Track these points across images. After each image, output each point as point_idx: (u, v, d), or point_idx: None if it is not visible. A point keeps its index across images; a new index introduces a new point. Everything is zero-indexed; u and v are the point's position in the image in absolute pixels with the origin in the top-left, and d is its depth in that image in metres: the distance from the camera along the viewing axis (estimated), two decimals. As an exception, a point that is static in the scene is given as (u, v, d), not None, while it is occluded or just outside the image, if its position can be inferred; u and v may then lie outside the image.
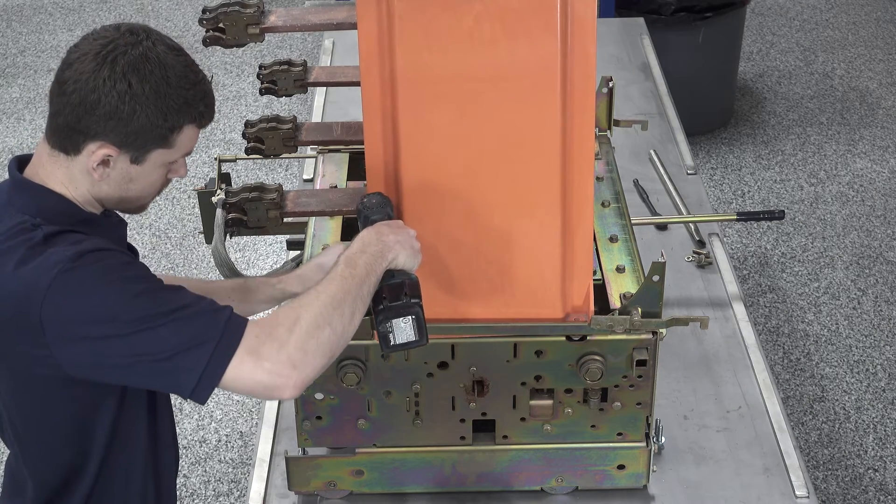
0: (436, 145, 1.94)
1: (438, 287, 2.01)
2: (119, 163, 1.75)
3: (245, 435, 3.76)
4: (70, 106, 1.71)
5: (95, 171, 1.74)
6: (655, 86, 3.57)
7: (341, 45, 3.77)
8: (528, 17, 1.88)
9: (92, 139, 1.72)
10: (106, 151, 1.73)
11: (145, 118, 1.72)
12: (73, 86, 1.70)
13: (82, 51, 1.72)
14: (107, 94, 1.69)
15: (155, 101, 1.72)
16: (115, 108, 1.70)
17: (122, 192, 1.80)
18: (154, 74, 1.72)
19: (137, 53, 1.71)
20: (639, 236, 2.37)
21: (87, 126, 1.71)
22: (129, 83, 1.70)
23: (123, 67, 1.70)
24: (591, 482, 2.20)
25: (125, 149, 1.74)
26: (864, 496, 3.50)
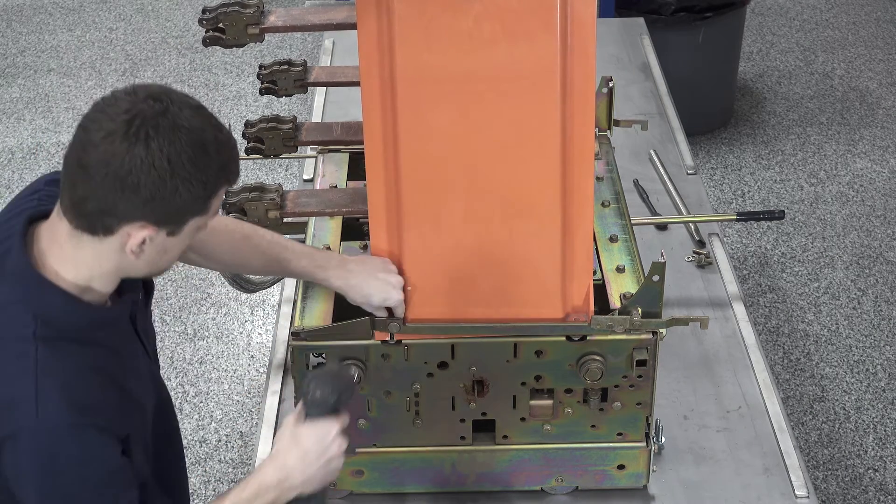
0: (436, 145, 1.94)
1: (438, 287, 2.01)
2: (157, 239, 1.66)
3: (245, 435, 3.76)
4: (102, 190, 1.59)
5: (133, 252, 1.66)
6: (655, 86, 3.57)
7: (341, 45, 3.77)
8: (528, 17, 1.88)
9: (129, 221, 1.62)
10: (146, 233, 1.64)
11: (187, 193, 1.62)
12: (105, 169, 1.58)
13: (106, 128, 1.59)
14: (146, 174, 1.58)
15: (194, 174, 1.61)
16: (157, 190, 1.59)
17: (153, 265, 1.72)
18: (190, 145, 1.61)
19: (168, 124, 1.60)
20: (639, 236, 2.37)
21: (125, 210, 1.61)
22: (169, 160, 1.59)
23: (159, 144, 1.58)
24: (591, 482, 2.20)
25: (164, 226, 1.65)
26: (864, 496, 3.50)
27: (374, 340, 2.04)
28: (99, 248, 1.66)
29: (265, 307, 4.32)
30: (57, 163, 5.19)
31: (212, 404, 3.89)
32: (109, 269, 1.70)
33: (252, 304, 4.33)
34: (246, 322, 4.26)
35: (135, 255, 1.66)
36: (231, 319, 4.27)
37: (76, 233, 1.65)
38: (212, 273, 4.42)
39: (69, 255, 1.68)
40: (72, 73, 5.95)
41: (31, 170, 5.14)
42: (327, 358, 2.01)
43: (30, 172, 5.12)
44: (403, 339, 2.03)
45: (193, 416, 3.84)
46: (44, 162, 5.20)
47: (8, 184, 5.06)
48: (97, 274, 1.69)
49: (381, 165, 1.95)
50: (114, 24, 6.46)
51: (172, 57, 6.07)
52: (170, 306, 4.33)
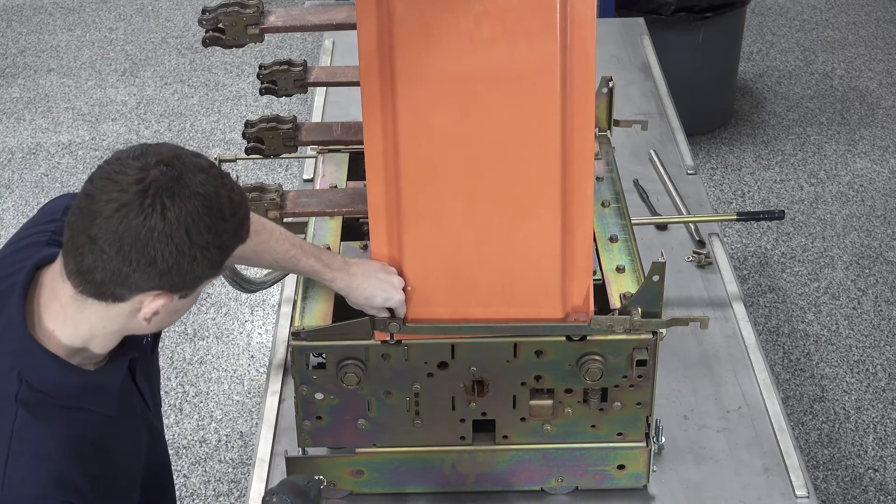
0: (436, 145, 1.94)
1: (438, 287, 2.01)
2: (170, 305, 1.62)
3: (245, 435, 3.76)
4: (115, 263, 1.53)
5: (147, 320, 1.61)
6: (655, 86, 3.57)
7: (341, 45, 3.77)
8: (528, 17, 1.88)
9: (143, 291, 1.57)
10: (162, 302, 1.59)
11: (205, 261, 1.58)
12: (119, 242, 1.52)
13: (118, 200, 1.52)
14: (164, 246, 1.53)
15: (212, 241, 1.57)
16: (175, 261, 1.54)
17: (161, 325, 1.67)
18: (207, 213, 1.55)
19: (183, 194, 1.53)
20: (639, 236, 2.37)
21: (139, 281, 1.55)
22: (187, 231, 1.53)
23: (176, 214, 1.52)
24: (591, 482, 2.20)
25: (179, 291, 1.60)
26: (864, 496, 3.50)
27: (374, 340, 2.04)
28: (105, 312, 1.60)
29: (265, 307, 4.32)
30: (57, 163, 5.19)
31: (212, 404, 3.89)
32: (113, 331, 1.64)
33: (252, 304, 4.33)
34: (246, 322, 4.26)
35: (147, 321, 1.62)
36: (231, 319, 4.27)
37: (80, 297, 1.59)
38: (212, 273, 4.42)
39: (70, 315, 1.61)
40: (72, 73, 5.95)
41: (31, 170, 5.15)
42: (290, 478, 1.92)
43: (30, 172, 5.13)
44: (403, 339, 2.03)
45: (193, 416, 3.84)
46: (44, 162, 5.20)
47: (8, 184, 5.07)
48: (99, 334, 1.64)
49: (381, 165, 1.95)
50: (114, 24, 6.46)
51: (172, 57, 6.07)
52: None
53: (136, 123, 5.47)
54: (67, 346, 1.63)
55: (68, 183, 5.03)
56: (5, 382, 1.60)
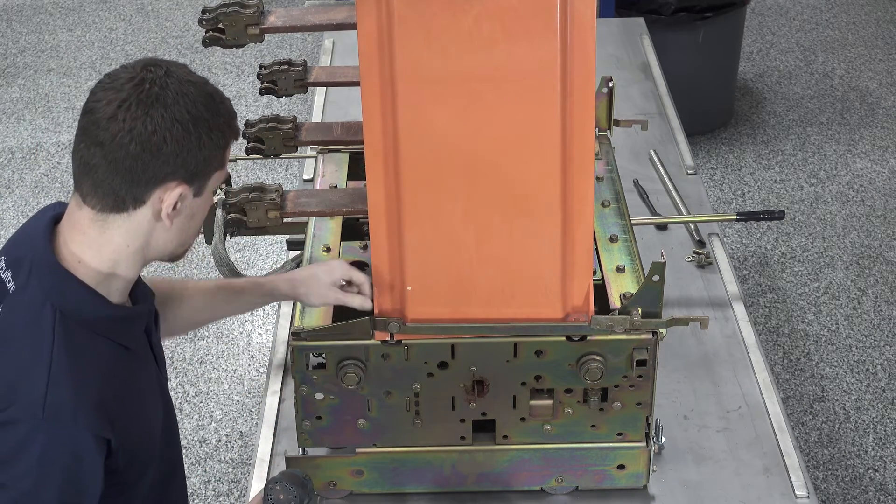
0: (436, 145, 1.94)
1: (438, 287, 2.01)
2: (186, 201, 1.69)
3: (245, 435, 3.76)
4: (128, 160, 1.60)
5: (168, 217, 1.67)
6: (655, 86, 3.57)
7: (341, 45, 3.77)
8: (528, 18, 1.88)
9: (160, 184, 1.64)
10: (180, 190, 1.66)
11: (210, 142, 1.67)
12: (128, 136, 1.60)
13: (117, 99, 1.61)
14: (170, 130, 1.61)
15: (212, 122, 1.67)
16: (183, 143, 1.63)
17: (182, 233, 1.73)
18: (201, 97, 1.66)
19: (176, 82, 1.64)
20: (639, 236, 2.37)
21: (154, 172, 1.63)
22: (188, 112, 1.63)
23: (174, 99, 1.62)
24: (591, 482, 2.20)
25: (193, 182, 1.67)
26: (864, 496, 3.50)
27: (374, 340, 2.04)
28: (127, 224, 1.67)
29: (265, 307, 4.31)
30: (57, 162, 5.19)
31: (212, 404, 3.89)
32: (137, 248, 1.69)
33: (252, 304, 4.32)
34: (246, 322, 4.26)
35: (169, 219, 1.67)
36: (231, 319, 4.27)
37: (100, 216, 1.65)
38: (212, 273, 4.42)
39: (93, 239, 1.67)
40: (72, 73, 5.95)
41: (31, 170, 5.15)
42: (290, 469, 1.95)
43: (30, 172, 5.13)
44: (403, 339, 2.03)
45: (193, 416, 3.84)
46: (44, 162, 5.20)
47: (8, 184, 5.07)
48: (123, 256, 1.69)
49: (381, 165, 1.95)
50: (114, 24, 6.46)
51: (172, 57, 6.03)
52: (170, 306, 4.32)
53: (136, 123, 5.47)
54: (96, 272, 1.68)
55: (68, 183, 5.03)
56: (40, 315, 1.64)
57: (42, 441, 1.61)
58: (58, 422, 1.61)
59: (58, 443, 1.61)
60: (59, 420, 1.61)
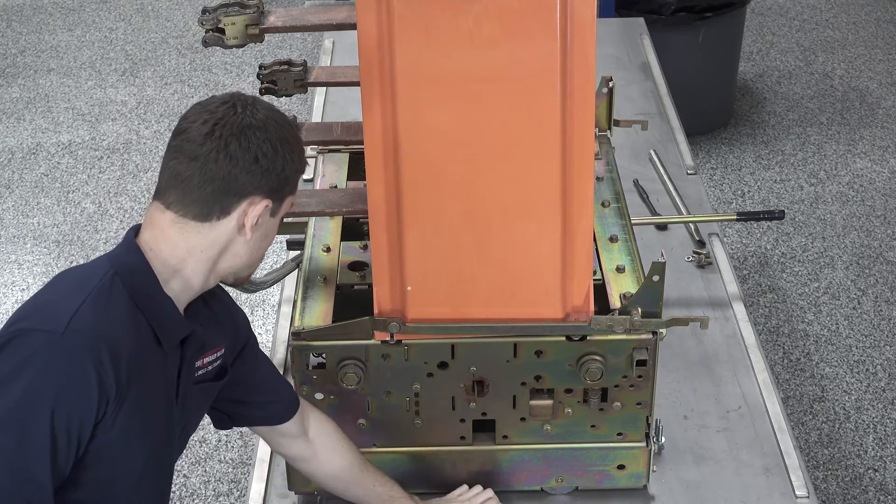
0: (436, 145, 1.94)
1: (438, 287, 2.01)
2: (265, 216, 1.79)
3: (245, 435, 3.76)
4: (222, 172, 1.72)
5: (251, 229, 1.77)
6: (655, 86, 3.57)
7: (341, 45, 3.77)
8: (528, 17, 1.88)
9: (247, 196, 1.75)
10: (265, 203, 1.76)
11: (291, 164, 1.79)
12: (222, 154, 1.71)
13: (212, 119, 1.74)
14: (260, 148, 1.74)
15: (293, 146, 1.80)
16: (273, 159, 1.75)
17: (254, 252, 1.82)
18: (284, 123, 1.80)
19: (263, 109, 1.78)
20: (639, 236, 2.37)
21: (243, 186, 1.74)
22: (277, 133, 1.76)
23: (263, 122, 1.76)
24: (591, 482, 2.20)
25: (275, 198, 1.79)
26: (864, 496, 3.50)
27: (374, 340, 2.04)
28: (208, 233, 1.76)
29: (265, 307, 4.32)
30: (57, 163, 5.19)
31: (212, 404, 3.89)
32: (210, 256, 1.77)
33: (252, 304, 4.33)
34: (246, 322, 4.26)
35: (252, 231, 1.77)
36: (231, 319, 4.27)
37: (183, 220, 1.74)
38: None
39: (170, 237, 1.75)
40: (72, 73, 5.95)
41: (31, 170, 5.14)
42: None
43: (30, 172, 5.13)
44: (403, 339, 2.03)
45: (193, 416, 3.84)
46: (44, 162, 5.20)
47: (8, 184, 5.06)
48: (194, 259, 1.76)
49: (381, 165, 1.95)
50: (114, 24, 6.46)
51: (172, 57, 6.07)
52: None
53: (136, 123, 5.47)
54: (163, 262, 1.75)
55: (68, 183, 5.04)
56: (97, 268, 1.74)
57: (53, 353, 1.63)
58: (74, 340, 1.64)
59: (66, 360, 1.63)
60: (75, 339, 1.64)
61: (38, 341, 1.64)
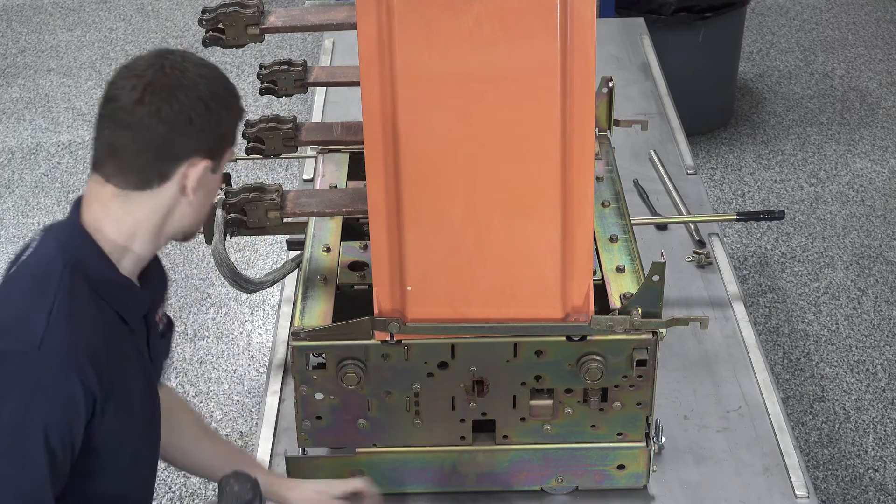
0: (436, 145, 1.94)
1: (438, 287, 2.01)
2: (207, 174, 1.76)
3: (245, 435, 3.76)
4: (157, 139, 1.69)
5: (192, 190, 1.74)
6: (655, 86, 3.57)
7: (341, 45, 3.77)
8: (528, 17, 1.88)
9: (185, 159, 1.72)
10: (205, 164, 1.73)
11: (227, 117, 1.77)
12: (154, 119, 1.67)
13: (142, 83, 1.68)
14: (193, 108, 1.70)
15: (227, 98, 1.77)
16: (206, 118, 1.71)
17: (199, 211, 1.80)
18: (217, 76, 1.76)
19: (192, 66, 1.72)
20: (639, 236, 2.38)
21: (180, 149, 1.71)
22: (208, 90, 1.72)
23: (193, 80, 1.71)
24: (591, 482, 2.20)
25: (214, 157, 1.76)
26: (864, 496, 3.50)
27: (374, 340, 2.04)
28: (151, 201, 1.73)
29: (265, 307, 4.32)
30: (57, 162, 5.19)
31: (212, 404, 3.89)
32: (156, 223, 1.75)
33: (252, 304, 4.33)
34: (246, 322, 4.26)
35: (193, 193, 1.74)
36: (231, 319, 4.27)
37: (124, 192, 1.72)
38: (212, 273, 4.42)
39: (114, 212, 1.73)
40: (72, 73, 5.95)
41: (31, 170, 5.14)
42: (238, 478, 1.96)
43: (30, 172, 5.13)
44: (403, 339, 2.03)
45: (193, 416, 3.84)
46: (44, 162, 5.20)
47: (8, 184, 5.06)
48: (141, 231, 1.75)
49: (381, 165, 1.95)
50: (114, 24, 6.46)
51: (172, 57, 6.07)
52: (170, 306, 4.31)
53: (136, 123, 5.47)
54: (112, 242, 1.74)
55: (68, 183, 5.04)
56: (51, 264, 1.71)
57: (35, 372, 1.63)
58: (54, 356, 1.64)
59: (50, 376, 1.64)
60: (54, 355, 1.64)
61: (16, 363, 1.63)
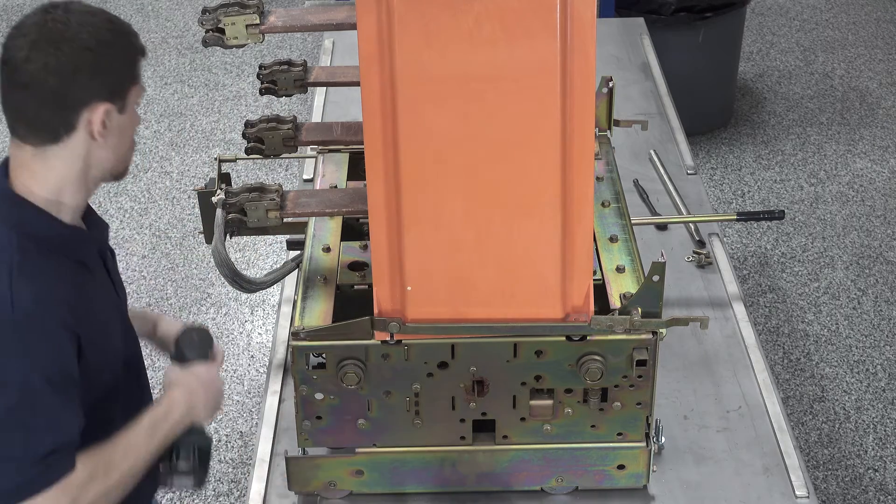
0: (436, 145, 1.94)
1: (438, 287, 2.01)
2: (113, 118, 1.82)
3: (245, 435, 3.76)
4: (51, 93, 1.76)
5: (100, 134, 1.81)
6: (655, 86, 3.57)
7: (341, 45, 3.77)
8: (528, 17, 1.88)
9: (85, 105, 1.79)
10: (105, 107, 1.80)
11: (118, 60, 1.82)
12: (44, 73, 1.75)
13: (28, 41, 1.75)
14: (81, 54, 1.76)
15: (118, 38, 1.82)
16: (95, 65, 1.77)
17: (116, 151, 1.87)
18: (105, 21, 1.81)
19: (76, 16, 1.78)
20: (639, 236, 2.38)
21: (76, 98, 1.78)
22: (93, 38, 1.78)
23: (77, 30, 1.76)
24: (591, 482, 2.20)
25: (114, 99, 1.81)
26: (864, 496, 3.50)
27: (374, 340, 2.04)
28: (65, 152, 1.82)
29: (265, 307, 4.32)
30: (57, 163, 5.18)
31: (212, 404, 3.89)
32: (78, 171, 1.84)
33: (252, 304, 4.33)
34: (246, 322, 4.27)
35: (102, 137, 1.81)
36: (231, 319, 4.27)
37: (40, 150, 1.81)
38: (212, 273, 4.42)
39: (38, 172, 1.82)
40: (72, 73, 5.94)
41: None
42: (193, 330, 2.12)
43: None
44: (403, 339, 2.03)
45: (193, 416, 3.84)
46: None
47: None
48: (68, 182, 1.84)
49: (381, 165, 1.95)
50: (114, 24, 6.45)
51: (172, 57, 6.07)
52: (170, 306, 4.33)
53: (136, 123, 5.47)
54: (45, 199, 1.84)
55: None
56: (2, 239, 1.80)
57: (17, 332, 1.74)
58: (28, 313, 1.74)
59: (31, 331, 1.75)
60: (29, 311, 1.74)
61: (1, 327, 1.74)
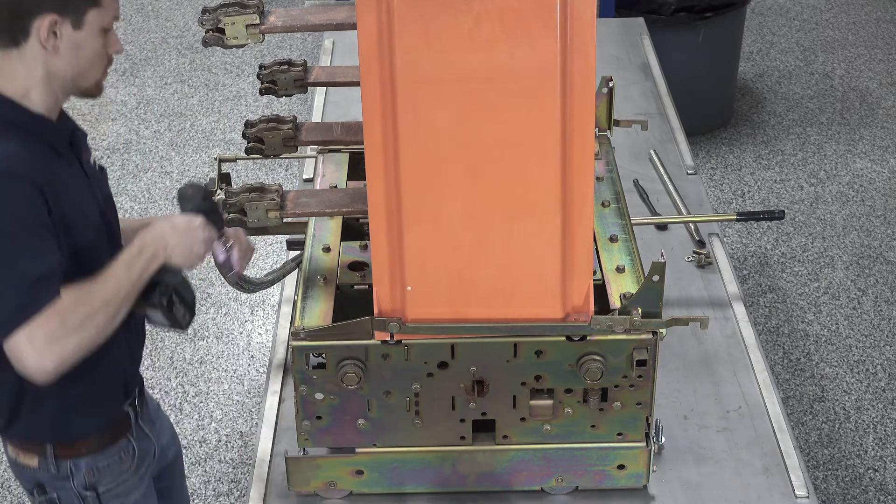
0: (436, 145, 1.94)
1: (438, 287, 2.01)
2: (64, 31, 1.92)
3: (245, 435, 3.76)
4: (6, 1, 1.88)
5: (47, 41, 1.91)
6: (655, 86, 3.57)
7: (341, 45, 3.77)
8: (528, 17, 1.88)
9: (35, 14, 1.89)
10: (51, 18, 1.89)
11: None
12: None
13: None
14: None
15: None
16: None
17: (75, 63, 1.96)
18: None
19: None
20: (639, 236, 2.38)
21: (27, 7, 1.88)
22: None
23: None
24: (591, 482, 2.20)
25: (65, 14, 1.91)
26: (864, 496, 3.50)
27: (374, 340, 2.04)
28: (25, 56, 1.94)
29: (265, 307, 4.32)
30: (57, 163, 5.18)
31: (212, 404, 3.89)
32: (41, 76, 1.96)
33: (252, 304, 4.33)
34: (246, 322, 4.27)
35: (52, 47, 1.92)
36: (231, 319, 4.28)
37: (5, 52, 1.94)
38: (212, 273, 4.42)
39: (3, 70, 1.95)
40: (72, 73, 5.94)
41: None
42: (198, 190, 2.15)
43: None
44: (403, 339, 2.03)
45: (193, 416, 3.84)
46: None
47: (8, 184, 5.06)
48: (32, 83, 1.96)
49: (381, 165, 1.95)
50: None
51: (172, 57, 6.07)
52: (170, 306, 4.32)
53: (136, 123, 5.47)
54: (13, 94, 1.96)
55: (68, 183, 5.03)
56: None
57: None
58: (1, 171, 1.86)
59: (2, 185, 1.86)
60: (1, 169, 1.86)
61: None
